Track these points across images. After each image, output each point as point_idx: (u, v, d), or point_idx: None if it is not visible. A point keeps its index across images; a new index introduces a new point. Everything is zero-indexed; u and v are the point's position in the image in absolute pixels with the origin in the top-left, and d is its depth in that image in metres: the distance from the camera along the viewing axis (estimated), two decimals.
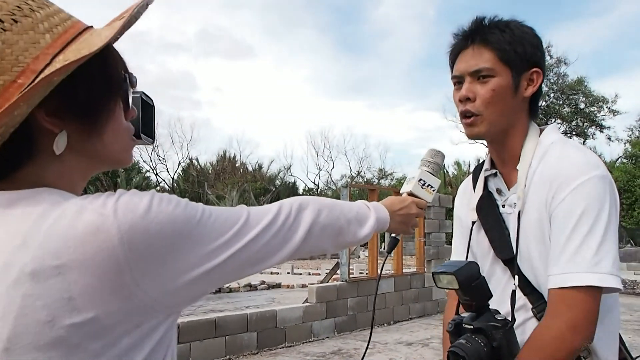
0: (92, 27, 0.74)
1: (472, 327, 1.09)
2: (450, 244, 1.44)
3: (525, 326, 1.18)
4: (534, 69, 1.21)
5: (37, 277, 0.60)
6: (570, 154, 1.15)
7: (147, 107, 0.86)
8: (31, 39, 0.66)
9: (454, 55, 1.26)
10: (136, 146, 0.85)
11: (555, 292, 1.08)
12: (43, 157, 0.70)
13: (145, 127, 0.84)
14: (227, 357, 6.11)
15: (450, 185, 29.17)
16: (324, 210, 0.89)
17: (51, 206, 0.64)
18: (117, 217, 0.62)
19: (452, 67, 1.27)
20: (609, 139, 29.73)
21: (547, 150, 1.20)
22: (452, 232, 1.43)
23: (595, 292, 1.05)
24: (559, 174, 1.12)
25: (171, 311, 0.69)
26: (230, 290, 13.03)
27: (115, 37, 0.71)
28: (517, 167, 1.21)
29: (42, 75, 0.64)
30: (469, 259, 1.28)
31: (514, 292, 1.17)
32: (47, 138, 0.69)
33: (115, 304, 0.62)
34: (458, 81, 1.25)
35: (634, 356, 1.20)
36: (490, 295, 1.12)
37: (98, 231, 0.61)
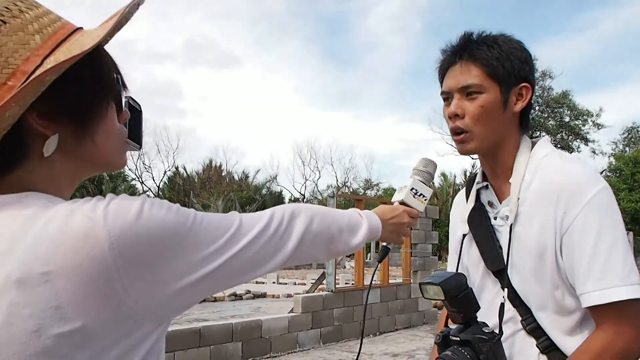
0: (82, 28, 0.73)
1: (459, 339, 1.08)
2: (436, 255, 1.44)
3: (514, 339, 1.18)
4: (523, 84, 1.21)
5: (24, 284, 0.57)
6: (571, 167, 1.16)
7: (134, 112, 0.84)
8: (21, 40, 0.65)
9: (443, 71, 1.26)
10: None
11: (596, 309, 1.09)
12: (33, 160, 0.68)
13: (132, 133, 0.82)
14: None
15: (435, 197, 29.31)
16: (316, 218, 0.87)
17: (39, 210, 0.62)
18: (107, 222, 0.60)
19: (441, 83, 1.27)
20: (594, 152, 30.21)
21: (541, 163, 1.20)
22: (438, 244, 1.43)
23: (635, 301, 1.08)
24: (565, 188, 1.12)
25: (161, 320, 0.67)
26: (215, 300, 12.91)
27: (107, 38, 0.70)
28: (510, 180, 1.21)
29: (32, 77, 0.63)
30: (459, 271, 1.28)
31: (502, 304, 1.16)
32: (39, 141, 0.68)
33: (104, 313, 0.60)
34: (447, 97, 1.25)
35: None
36: (478, 308, 1.11)
37: (87, 237, 0.59)
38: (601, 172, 30.64)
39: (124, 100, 0.78)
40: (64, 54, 0.65)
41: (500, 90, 1.19)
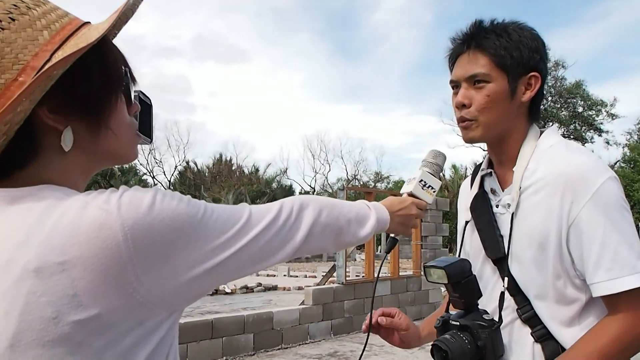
0: (89, 22, 0.74)
1: (458, 324, 1.10)
2: (447, 247, 1.45)
3: (513, 327, 1.19)
4: (532, 73, 1.20)
5: (41, 273, 0.59)
6: (577, 157, 1.15)
7: (144, 106, 0.85)
8: (29, 37, 0.66)
9: (452, 59, 1.27)
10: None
11: (608, 299, 1.10)
12: (46, 155, 0.70)
13: (142, 127, 0.83)
14: (224, 358, 6.10)
15: (446, 189, 29.17)
16: (325, 209, 0.88)
17: (54, 202, 0.64)
18: (120, 213, 0.62)
19: (451, 71, 1.27)
20: (607, 142, 29.80)
21: (546, 152, 1.20)
22: (449, 236, 1.45)
23: None
24: (572, 178, 1.11)
25: (173, 309, 0.68)
26: (227, 293, 13.00)
27: (113, 30, 0.71)
28: (513, 169, 1.22)
29: (41, 72, 0.64)
30: (461, 258, 1.29)
31: (502, 293, 1.17)
32: (51, 136, 0.70)
33: (118, 301, 0.61)
34: (455, 86, 1.25)
35: None
36: (480, 295, 1.12)
37: (102, 227, 0.60)
38: (615, 163, 30.25)
39: (133, 93, 0.79)
40: (72, 49, 0.66)
41: (508, 80, 1.18)
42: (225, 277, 0.72)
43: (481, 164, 1.38)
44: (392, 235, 1.21)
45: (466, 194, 1.40)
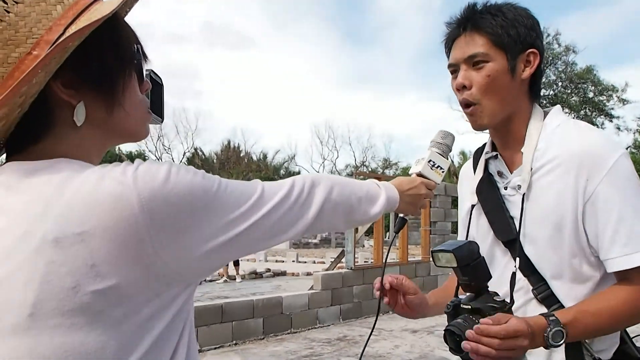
0: None
1: (469, 307, 1.08)
2: (455, 232, 1.45)
3: (527, 308, 1.19)
4: (530, 50, 1.20)
5: (60, 243, 0.60)
6: (589, 135, 1.15)
7: (156, 86, 0.85)
8: (43, 11, 0.67)
9: (449, 43, 1.26)
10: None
11: (621, 274, 1.11)
12: (60, 130, 0.71)
13: (154, 106, 0.83)
14: (234, 342, 6.18)
15: (455, 175, 29.03)
16: (336, 187, 0.89)
17: (72, 174, 0.64)
18: (137, 185, 0.62)
19: (448, 56, 1.27)
20: (618, 128, 29.36)
21: (555, 131, 1.19)
22: (457, 221, 1.44)
23: None
24: (586, 156, 1.11)
25: (189, 281, 0.69)
26: (235, 279, 13.10)
27: (124, 7, 0.71)
28: (522, 150, 1.21)
29: (56, 44, 0.65)
30: (469, 240, 1.28)
31: (514, 274, 1.17)
32: (65, 110, 0.70)
33: (136, 272, 0.62)
34: (454, 69, 1.24)
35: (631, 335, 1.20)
36: (490, 277, 1.10)
37: (119, 199, 0.61)
38: (626, 149, 29.79)
39: (144, 70, 0.80)
40: (85, 22, 0.67)
41: (507, 58, 1.18)
42: (238, 252, 0.73)
43: (481, 147, 1.37)
44: (401, 215, 1.21)
45: (468, 179, 1.39)
